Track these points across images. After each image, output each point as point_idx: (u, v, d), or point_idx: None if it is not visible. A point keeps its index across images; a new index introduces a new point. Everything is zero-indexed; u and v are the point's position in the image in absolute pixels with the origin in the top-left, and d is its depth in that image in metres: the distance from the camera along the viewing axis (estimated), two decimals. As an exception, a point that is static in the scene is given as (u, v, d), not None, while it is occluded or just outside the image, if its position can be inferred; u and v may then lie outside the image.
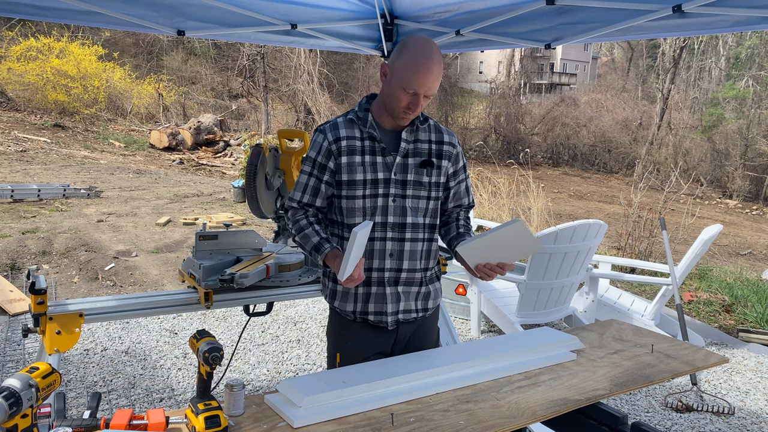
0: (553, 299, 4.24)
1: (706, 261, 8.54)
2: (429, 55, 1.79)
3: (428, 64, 1.79)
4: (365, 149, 1.91)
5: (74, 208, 8.66)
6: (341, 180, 1.90)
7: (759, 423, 3.41)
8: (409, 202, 1.94)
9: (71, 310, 2.22)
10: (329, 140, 1.90)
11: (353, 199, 1.91)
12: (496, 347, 1.95)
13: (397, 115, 1.88)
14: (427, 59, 1.79)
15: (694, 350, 2.09)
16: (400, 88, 1.81)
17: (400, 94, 1.82)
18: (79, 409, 3.18)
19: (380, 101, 1.93)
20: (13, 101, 17.27)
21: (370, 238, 1.91)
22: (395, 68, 1.82)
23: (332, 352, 2.05)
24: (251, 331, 4.47)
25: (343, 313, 2.01)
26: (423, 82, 1.79)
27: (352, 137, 1.91)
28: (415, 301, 2.02)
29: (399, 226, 1.94)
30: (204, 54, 25.20)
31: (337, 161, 1.90)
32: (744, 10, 2.45)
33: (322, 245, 1.87)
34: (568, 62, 43.63)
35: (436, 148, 1.97)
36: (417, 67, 1.78)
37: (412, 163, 1.93)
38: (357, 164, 1.89)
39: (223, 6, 3.15)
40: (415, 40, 1.83)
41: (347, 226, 1.94)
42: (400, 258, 1.95)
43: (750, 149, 21.24)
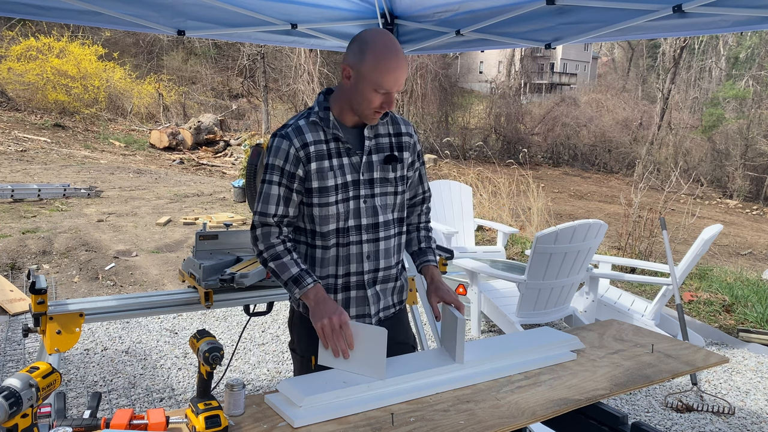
0: (553, 299, 4.24)
1: (707, 261, 8.55)
2: (395, 50, 1.71)
3: (397, 61, 1.71)
4: (332, 152, 1.81)
5: (74, 207, 8.66)
6: (311, 187, 1.80)
7: (759, 423, 3.41)
8: (378, 200, 1.88)
9: (71, 310, 2.22)
10: (296, 146, 1.78)
11: (326, 206, 1.82)
12: (496, 347, 1.95)
13: (367, 117, 1.79)
14: (395, 56, 1.71)
15: (695, 350, 2.09)
16: (371, 90, 1.72)
17: (371, 95, 1.73)
18: (80, 409, 3.18)
19: (342, 100, 1.81)
20: (13, 101, 17.28)
21: (345, 244, 1.86)
22: (362, 70, 1.71)
23: (305, 355, 1.95)
24: (251, 331, 4.47)
25: None
26: (396, 80, 1.72)
27: (318, 141, 1.80)
28: (392, 296, 2.00)
29: (372, 227, 1.88)
30: (204, 54, 25.21)
31: (306, 168, 1.79)
32: (744, 10, 2.45)
33: (303, 279, 1.77)
34: (569, 62, 43.63)
35: (396, 141, 1.91)
36: (387, 67, 1.70)
37: (377, 160, 1.86)
38: (327, 169, 1.80)
39: (223, 6, 3.15)
40: (375, 36, 1.73)
41: (319, 234, 1.86)
42: (377, 258, 1.91)
43: (750, 149, 21.25)
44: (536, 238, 3.94)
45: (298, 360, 2.01)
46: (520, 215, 9.25)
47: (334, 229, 1.85)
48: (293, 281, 1.78)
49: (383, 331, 1.67)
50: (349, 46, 1.78)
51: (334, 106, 1.84)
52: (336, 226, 1.84)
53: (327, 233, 1.85)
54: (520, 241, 7.66)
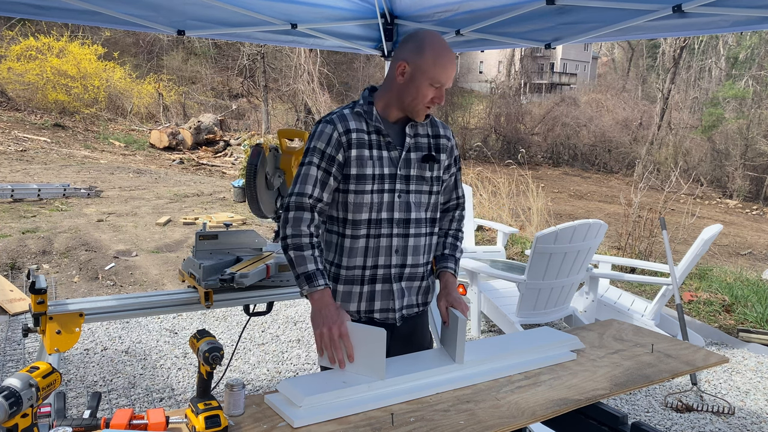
0: (553, 299, 4.23)
1: (706, 261, 8.55)
2: (448, 47, 1.85)
3: (452, 57, 1.84)
4: (373, 143, 1.87)
5: (74, 207, 8.66)
6: (350, 174, 1.85)
7: (759, 423, 3.41)
8: (413, 197, 1.93)
9: (71, 310, 2.22)
10: (339, 131, 1.83)
11: (362, 194, 1.86)
12: (496, 347, 1.95)
13: (418, 111, 1.87)
14: (449, 52, 1.84)
15: (694, 350, 2.09)
16: (427, 84, 1.82)
17: (427, 89, 1.82)
18: (79, 409, 3.18)
19: (390, 96, 1.89)
20: (13, 101, 17.28)
21: (376, 235, 1.90)
22: (420, 66, 1.81)
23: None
24: (251, 331, 4.47)
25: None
26: (450, 75, 1.84)
27: (360, 130, 1.86)
28: (417, 296, 2.02)
29: (404, 222, 1.92)
30: (204, 54, 25.21)
31: (346, 154, 1.84)
32: (744, 10, 2.46)
33: (316, 279, 1.78)
34: (568, 62, 43.63)
35: (434, 142, 1.97)
36: (444, 62, 1.81)
37: (415, 158, 1.92)
38: (366, 158, 1.85)
39: (223, 6, 3.15)
40: (430, 35, 1.85)
41: (351, 222, 1.89)
42: (405, 254, 1.94)
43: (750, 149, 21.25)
44: (536, 238, 3.95)
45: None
46: (519, 215, 9.25)
47: (366, 219, 1.88)
48: (306, 278, 1.79)
49: (382, 332, 1.68)
50: (403, 45, 1.87)
51: (379, 102, 1.91)
52: (369, 216, 1.88)
53: (359, 222, 1.88)
54: (520, 241, 7.66)
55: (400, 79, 1.84)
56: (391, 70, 1.88)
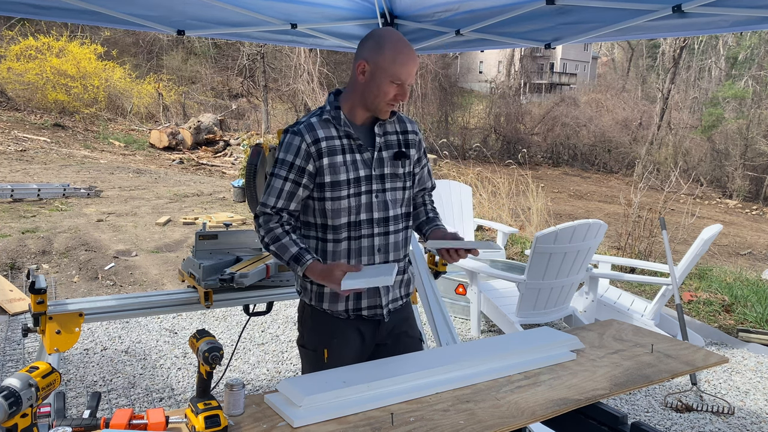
0: (553, 299, 4.23)
1: (706, 261, 8.55)
2: (409, 44, 1.86)
3: (412, 53, 1.85)
4: (345, 148, 1.89)
5: (74, 207, 8.66)
6: (324, 182, 1.88)
7: (759, 423, 3.41)
8: (389, 195, 1.96)
9: (71, 310, 2.22)
10: (307, 142, 1.85)
11: (338, 200, 1.89)
12: (496, 347, 1.95)
13: (381, 109, 1.89)
14: (409, 48, 1.85)
15: (694, 350, 2.09)
16: (388, 82, 1.83)
17: (388, 87, 1.84)
18: (79, 409, 3.18)
19: (354, 97, 1.91)
20: (12, 101, 17.27)
21: (357, 237, 1.93)
22: (380, 63, 1.82)
23: (317, 349, 2.00)
24: (251, 331, 4.47)
25: (334, 313, 1.99)
26: (410, 72, 1.84)
27: (330, 137, 1.88)
28: (400, 289, 2.07)
29: (383, 221, 1.95)
30: (204, 53, 25.21)
31: (317, 163, 1.86)
32: (744, 10, 2.45)
33: (303, 256, 1.84)
34: (568, 62, 43.62)
35: (403, 138, 2.01)
36: (403, 59, 1.82)
37: (387, 157, 1.95)
38: (339, 164, 1.87)
39: (223, 5, 3.15)
40: (389, 32, 1.87)
41: (331, 227, 1.92)
42: (386, 251, 1.98)
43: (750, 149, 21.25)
44: (536, 238, 3.95)
45: (309, 355, 2.04)
46: (519, 215, 9.25)
47: (345, 223, 1.91)
48: (294, 260, 1.84)
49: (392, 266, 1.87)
50: (363, 44, 1.88)
51: (345, 104, 1.93)
52: (348, 219, 1.91)
53: (339, 227, 1.91)
54: (519, 241, 7.66)
55: (361, 78, 1.87)
56: (353, 70, 1.90)
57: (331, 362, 1.92)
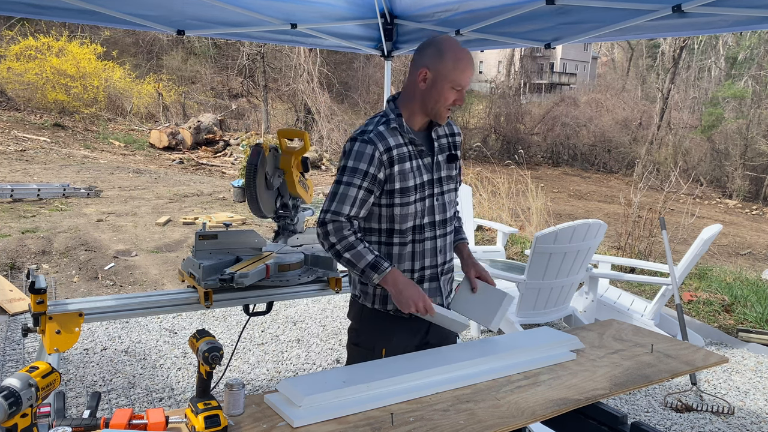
0: (553, 299, 4.23)
1: (706, 261, 8.55)
2: (467, 51, 1.94)
3: (470, 59, 1.93)
4: (411, 155, 1.96)
5: (74, 207, 8.66)
6: (393, 189, 1.94)
7: (759, 423, 3.41)
8: (447, 197, 2.06)
9: (71, 310, 2.22)
10: (380, 150, 1.91)
11: (407, 206, 1.96)
12: (496, 347, 1.95)
13: (441, 115, 1.96)
14: (468, 55, 1.93)
15: (694, 350, 2.09)
16: (449, 88, 1.91)
17: (449, 93, 1.91)
18: (79, 409, 3.18)
19: (412, 103, 1.98)
20: (12, 101, 17.26)
21: (420, 240, 2.01)
22: (441, 71, 1.89)
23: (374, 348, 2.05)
24: (251, 331, 4.47)
25: (396, 313, 2.03)
26: (469, 77, 1.93)
27: (399, 145, 1.95)
28: (449, 285, 2.19)
29: (442, 223, 2.05)
30: (204, 53, 25.19)
31: (387, 171, 1.92)
32: (744, 10, 2.46)
33: (381, 264, 1.89)
34: (568, 62, 43.62)
35: (452, 141, 2.10)
36: (464, 65, 1.90)
37: (442, 160, 2.04)
38: (407, 171, 1.95)
39: (222, 5, 3.15)
40: (448, 40, 1.94)
41: (397, 231, 1.99)
42: (444, 252, 2.08)
43: (750, 149, 21.25)
44: (536, 237, 3.95)
45: (362, 353, 2.08)
46: (519, 215, 9.25)
47: (411, 227, 1.99)
48: (371, 267, 1.89)
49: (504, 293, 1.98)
50: (422, 52, 1.95)
51: (404, 111, 2.00)
52: (414, 223, 1.99)
53: (405, 231, 1.99)
54: (519, 241, 7.66)
55: (422, 85, 1.93)
56: (412, 77, 1.96)
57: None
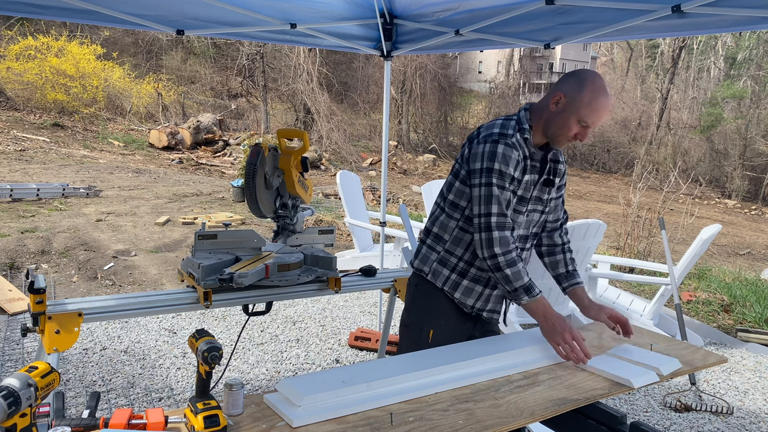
0: (552, 299, 4.23)
1: (705, 261, 8.55)
2: (607, 93, 1.92)
3: (607, 103, 1.91)
4: (530, 168, 2.02)
5: (73, 207, 8.65)
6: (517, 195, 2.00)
7: (758, 422, 3.41)
8: (533, 216, 2.10)
9: (70, 310, 2.21)
10: (521, 157, 1.97)
11: (518, 214, 2.02)
12: (496, 347, 1.95)
13: (560, 142, 2.00)
14: (607, 98, 1.91)
15: (693, 350, 2.09)
16: (575, 120, 1.91)
17: (573, 125, 1.93)
18: (78, 409, 3.18)
19: (539, 122, 2.00)
20: (12, 100, 17.25)
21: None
22: (574, 101, 1.90)
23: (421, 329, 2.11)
24: (250, 331, 4.47)
25: (460, 304, 2.11)
26: (600, 118, 1.92)
27: (527, 157, 2.00)
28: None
29: (524, 238, 2.11)
30: (203, 53, 25.19)
31: (520, 177, 1.99)
32: (743, 10, 2.46)
33: (534, 288, 1.93)
34: (567, 62, 43.60)
35: (554, 167, 2.11)
36: (598, 105, 1.89)
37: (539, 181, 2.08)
38: (526, 182, 2.01)
39: (222, 5, 3.15)
40: (594, 76, 1.93)
41: None
42: (525, 264, 2.10)
43: (749, 149, 21.28)
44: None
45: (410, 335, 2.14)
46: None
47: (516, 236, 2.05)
48: (524, 289, 1.93)
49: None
50: (566, 79, 1.98)
51: (541, 129, 2.01)
52: (517, 232, 2.06)
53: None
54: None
55: (553, 108, 1.96)
56: (547, 98, 1.99)
57: (434, 343, 2.02)
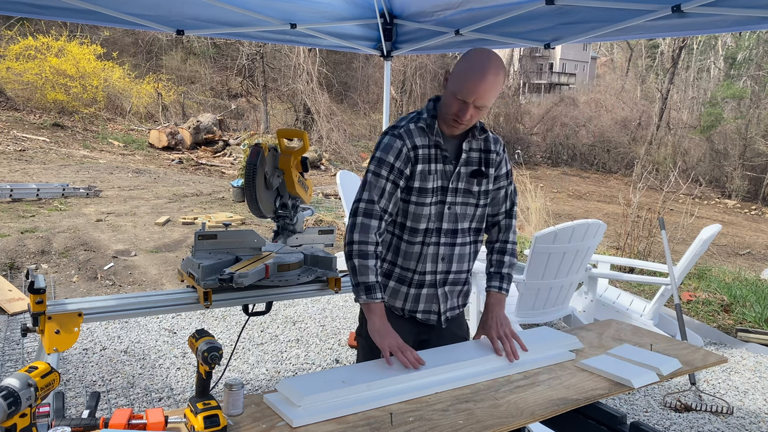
0: (552, 299, 4.24)
1: (705, 261, 8.55)
2: (483, 64, 1.80)
3: (480, 73, 1.79)
4: (433, 157, 1.94)
5: (73, 207, 8.65)
6: (412, 187, 1.93)
7: (757, 423, 3.41)
8: (459, 209, 2.01)
9: (70, 310, 2.21)
10: (408, 146, 1.90)
11: (422, 206, 1.95)
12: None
13: (447, 122, 1.90)
14: (480, 68, 1.80)
15: (693, 350, 2.09)
16: (451, 93, 1.84)
17: (451, 99, 1.85)
18: (78, 409, 3.18)
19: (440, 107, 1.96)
20: (12, 100, 17.25)
21: (427, 243, 1.99)
22: (452, 74, 1.85)
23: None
24: (250, 331, 4.47)
25: (391, 308, 2.08)
26: (472, 91, 1.79)
27: (424, 145, 1.92)
28: (458, 298, 2.14)
29: (451, 232, 2.01)
30: (203, 53, 25.19)
31: (412, 168, 1.91)
32: (743, 10, 2.46)
33: (376, 291, 1.86)
34: (567, 62, 43.63)
35: (485, 156, 2.02)
36: (466, 75, 1.80)
37: (464, 172, 1.99)
38: (427, 172, 1.93)
39: (222, 5, 3.15)
40: (476, 50, 1.87)
41: (409, 229, 1.98)
42: (450, 261, 2.04)
43: (749, 149, 21.27)
44: (535, 237, 3.95)
45: (367, 344, 2.06)
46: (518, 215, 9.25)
47: (423, 228, 1.97)
48: (366, 288, 1.86)
49: None
50: None
51: (439, 114, 1.95)
52: (425, 225, 1.97)
53: (416, 230, 1.98)
54: (518, 241, 7.66)
55: (444, 86, 1.90)
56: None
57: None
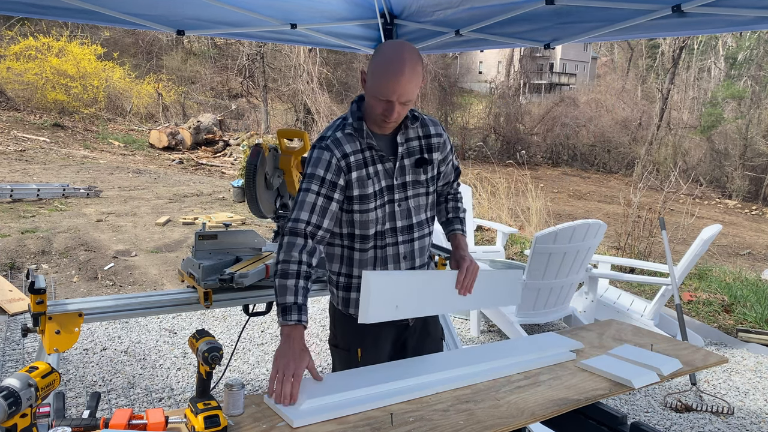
0: (553, 299, 4.24)
1: (706, 261, 8.55)
2: (398, 59, 1.69)
3: (397, 69, 1.68)
4: (368, 160, 1.85)
5: (73, 207, 8.65)
6: (353, 195, 1.84)
7: (758, 423, 3.41)
8: (412, 202, 1.94)
9: (70, 310, 2.21)
10: (337, 157, 1.80)
11: (366, 212, 1.86)
12: (498, 352, 1.94)
13: (376, 123, 1.82)
14: (396, 64, 1.68)
15: (694, 350, 2.09)
16: (372, 95, 1.75)
17: (374, 101, 1.75)
18: (79, 409, 3.18)
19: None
20: (12, 100, 17.26)
21: (382, 245, 1.92)
22: (369, 74, 1.75)
23: (350, 349, 2.00)
24: (250, 331, 4.47)
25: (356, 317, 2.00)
26: (393, 89, 1.70)
27: (356, 151, 1.83)
28: None
29: (407, 228, 1.94)
30: (203, 54, 25.21)
31: (347, 177, 1.82)
32: (744, 10, 2.46)
33: (290, 313, 1.67)
34: (568, 62, 43.61)
35: (425, 143, 1.94)
36: (384, 74, 1.69)
37: (408, 164, 1.91)
38: (365, 177, 1.84)
39: (222, 5, 3.15)
40: (387, 44, 1.78)
41: (359, 237, 1.90)
42: (413, 257, 1.97)
43: (749, 149, 21.27)
44: (535, 238, 3.95)
45: (342, 355, 2.05)
46: (519, 215, 9.26)
47: (372, 233, 1.90)
48: (282, 309, 1.70)
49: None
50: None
51: (366, 114, 1.87)
52: (375, 230, 1.90)
53: (366, 237, 1.90)
54: (519, 241, 7.66)
55: (363, 87, 1.81)
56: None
57: (364, 361, 1.93)
